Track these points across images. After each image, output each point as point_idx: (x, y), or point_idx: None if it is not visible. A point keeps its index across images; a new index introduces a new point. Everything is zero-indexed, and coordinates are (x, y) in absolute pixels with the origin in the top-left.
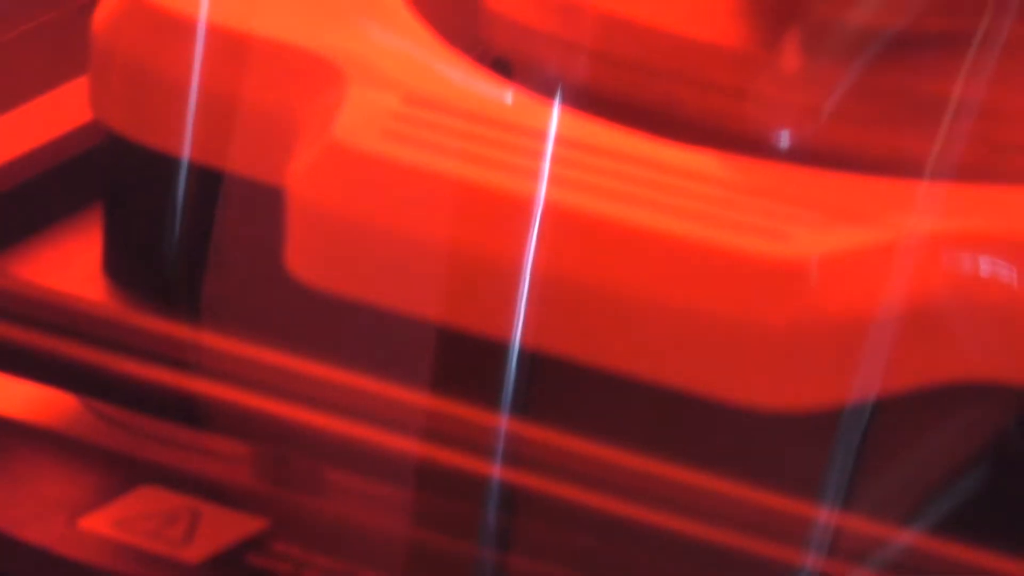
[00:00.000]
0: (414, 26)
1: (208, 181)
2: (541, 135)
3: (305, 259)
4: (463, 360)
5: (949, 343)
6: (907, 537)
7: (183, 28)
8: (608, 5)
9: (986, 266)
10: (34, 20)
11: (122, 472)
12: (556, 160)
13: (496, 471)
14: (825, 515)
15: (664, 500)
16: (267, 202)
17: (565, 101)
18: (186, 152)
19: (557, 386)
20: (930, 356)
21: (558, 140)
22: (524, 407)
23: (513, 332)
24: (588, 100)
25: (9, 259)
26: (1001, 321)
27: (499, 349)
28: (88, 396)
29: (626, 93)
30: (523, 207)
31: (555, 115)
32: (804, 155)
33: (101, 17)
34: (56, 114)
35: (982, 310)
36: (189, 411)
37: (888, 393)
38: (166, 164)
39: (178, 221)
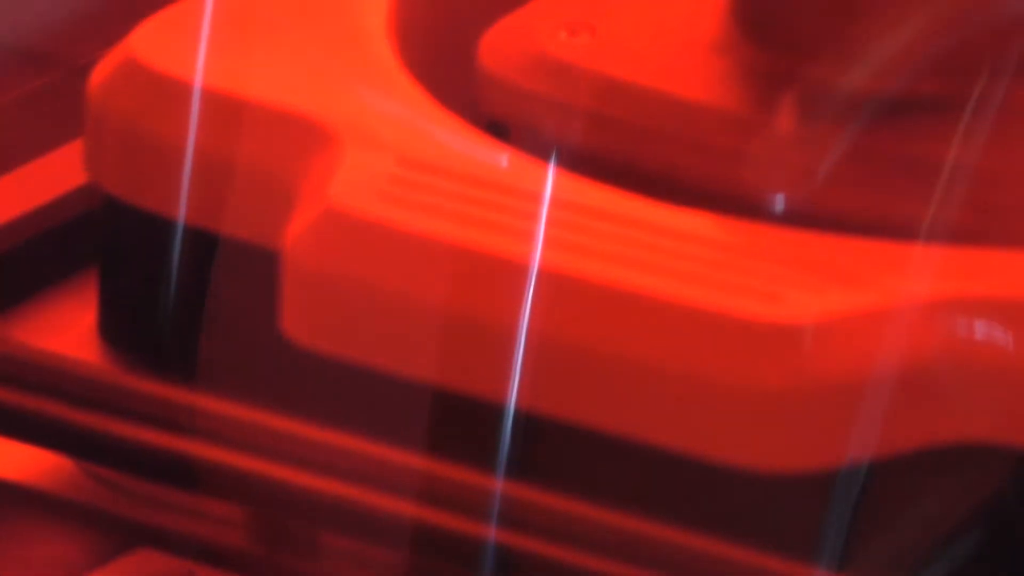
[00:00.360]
0: (409, 89)
1: (203, 243)
2: (537, 197)
3: (300, 321)
4: (458, 422)
5: (944, 405)
6: None
7: (178, 91)
8: (604, 66)
9: (981, 329)
10: (31, 83)
11: (118, 534)
12: (551, 222)
13: (491, 532)
14: None
15: (659, 561)
16: (262, 264)
17: (561, 163)
18: (181, 214)
19: (552, 447)
20: (925, 418)
21: (553, 202)
22: (519, 468)
23: (508, 394)
24: (584, 162)
25: (5, 321)
26: (996, 383)
27: (494, 410)
28: (84, 458)
29: (622, 155)
30: (518, 269)
31: (550, 177)
32: (800, 217)
33: (96, 79)
34: (52, 176)
35: (977, 372)
36: (185, 473)
37: (883, 454)
38: (161, 226)
39: (173, 283)
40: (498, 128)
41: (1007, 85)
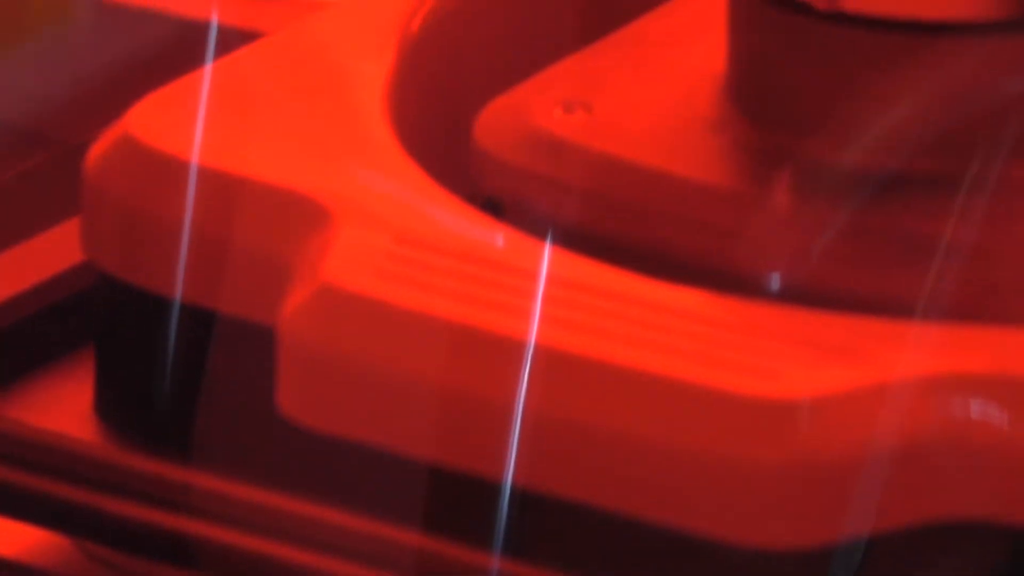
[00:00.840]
0: (405, 166)
1: (200, 321)
2: (533, 274)
3: (296, 399)
4: (455, 499)
5: (941, 483)
6: None
7: (175, 168)
8: (600, 144)
9: (977, 407)
10: (28, 161)
11: None
12: (547, 299)
13: None
14: None
15: None
16: (259, 341)
17: (557, 240)
18: (178, 292)
19: (549, 524)
20: (922, 495)
21: (549, 279)
22: (516, 546)
23: (505, 471)
24: (580, 239)
25: (1, 399)
26: (993, 461)
27: (491, 488)
28: (80, 536)
29: (618, 232)
30: (515, 346)
31: (546, 254)
32: (796, 294)
33: (93, 157)
34: (49, 254)
35: (974, 450)
36: (182, 551)
37: (880, 532)
38: (157, 304)
39: (169, 361)
40: (494, 205)
41: (1003, 163)
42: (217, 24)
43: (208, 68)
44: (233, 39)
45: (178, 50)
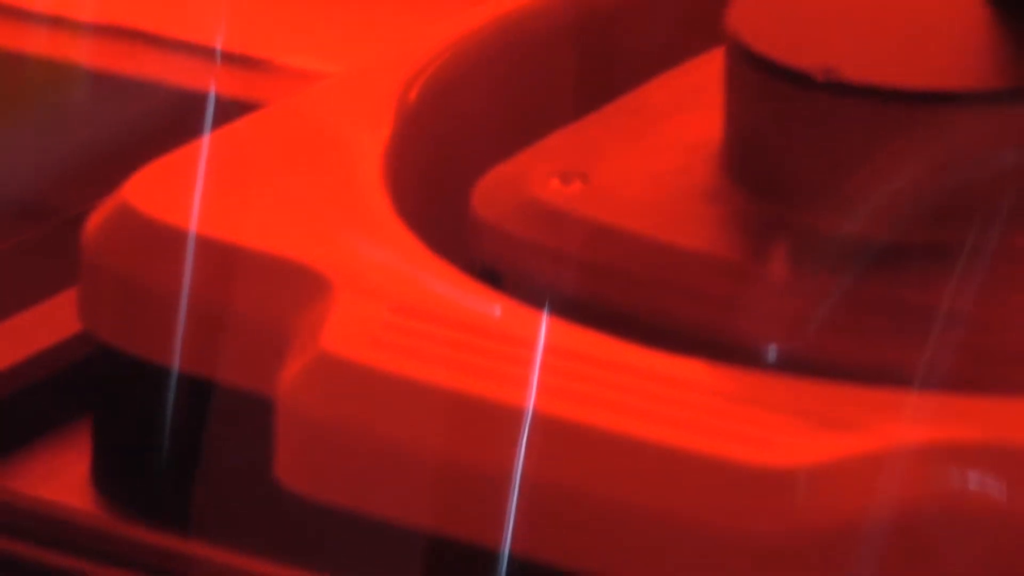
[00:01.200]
0: (402, 235)
1: (198, 390)
2: (531, 344)
3: (295, 468)
4: (454, 568)
5: (937, 554)
6: None
7: (172, 238)
8: (597, 214)
9: (974, 477)
10: (26, 232)
11: None
12: (545, 368)
13: None
14: None
15: None
16: (257, 411)
17: (554, 309)
18: (175, 362)
19: None
20: (918, 565)
21: (547, 349)
22: None
23: (504, 539)
24: (577, 308)
25: None
26: (990, 532)
27: (490, 556)
28: None
29: (615, 301)
30: (513, 415)
31: (544, 324)
32: (793, 364)
33: (91, 227)
34: (46, 325)
35: (971, 520)
36: None
37: None
38: (155, 374)
39: (167, 431)
40: (492, 275)
41: (1001, 232)
42: (214, 94)
43: (206, 138)
44: (231, 109)
45: (176, 120)
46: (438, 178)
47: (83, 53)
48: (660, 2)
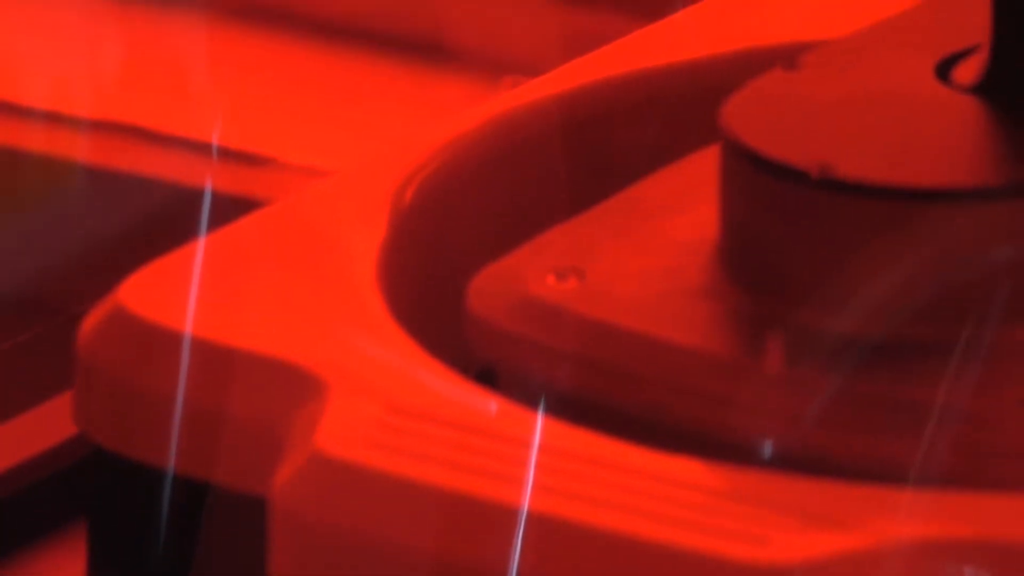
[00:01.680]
0: (397, 335)
1: (193, 492)
2: (526, 443)
3: (290, 569)
4: None
5: None
6: None
7: (167, 340)
8: (592, 310)
9: (970, 574)
10: (23, 329)
11: None
12: (540, 468)
13: None
14: None
15: None
16: (253, 512)
17: (551, 406)
18: (171, 464)
19: None
20: None
21: (542, 449)
22: None
23: None
24: (573, 405)
25: None
26: None
27: None
28: None
29: (611, 398)
30: (507, 516)
31: (539, 423)
32: (788, 460)
33: (86, 329)
34: (42, 428)
35: None
36: None
37: None
38: (150, 476)
39: (163, 533)
40: (488, 371)
41: (996, 328)
42: (211, 191)
43: (201, 241)
44: (227, 206)
45: (174, 216)
46: (433, 276)
47: (81, 149)
48: (652, 102)
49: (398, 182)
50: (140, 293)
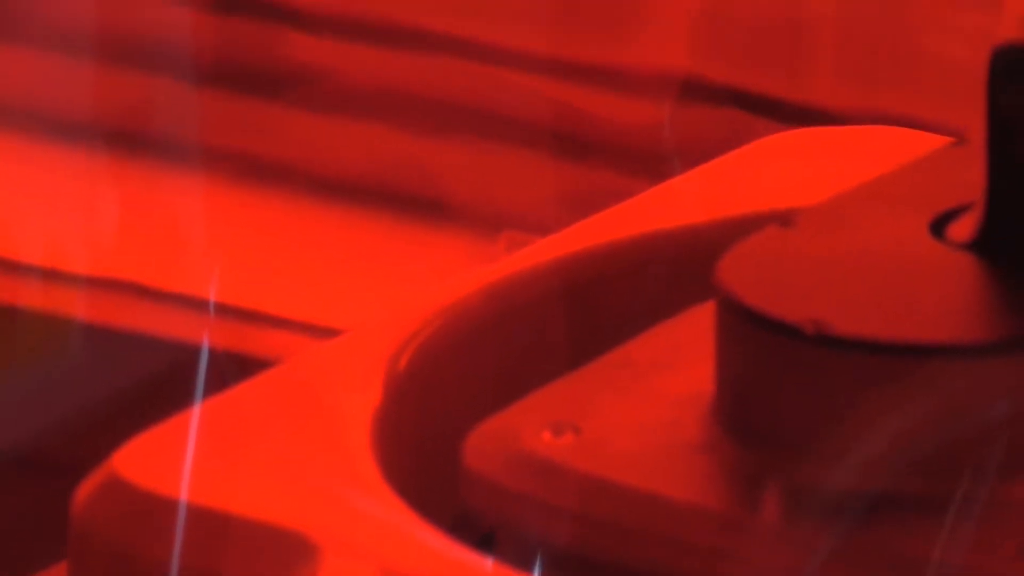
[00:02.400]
0: (391, 499)
1: None
2: None
3: None
4: None
5: None
6: None
7: (162, 508)
8: (588, 466)
9: None
10: (19, 489)
11: None
12: None
13: None
14: None
15: None
16: None
17: (547, 562)
18: None
19: None
20: None
21: None
22: None
23: None
24: (570, 561)
25: None
26: None
27: None
28: None
29: (608, 554)
30: None
31: None
32: None
33: (80, 498)
34: None
35: None
36: None
37: None
38: None
39: None
40: (488, 541)
41: (992, 484)
42: (208, 349)
43: (196, 409)
44: (225, 363)
45: (172, 373)
46: (429, 439)
47: (79, 306)
48: (646, 263)
49: (393, 348)
50: (135, 461)
